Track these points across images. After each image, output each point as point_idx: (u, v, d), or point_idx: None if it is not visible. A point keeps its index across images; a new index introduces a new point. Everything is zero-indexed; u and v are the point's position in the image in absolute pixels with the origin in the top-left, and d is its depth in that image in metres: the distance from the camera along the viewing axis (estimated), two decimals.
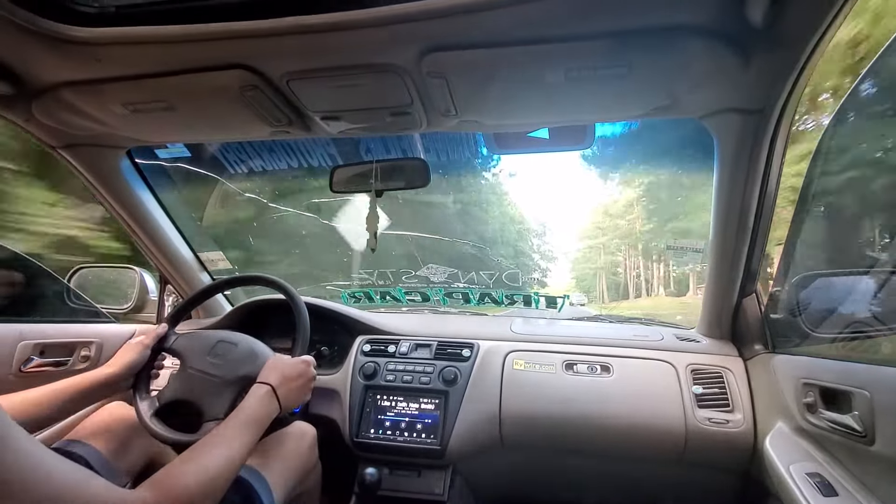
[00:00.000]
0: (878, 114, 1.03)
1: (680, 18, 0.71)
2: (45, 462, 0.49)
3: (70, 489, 0.49)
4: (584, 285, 10.44)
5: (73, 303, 1.53)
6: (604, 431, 1.23)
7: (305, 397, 1.02)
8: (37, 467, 0.48)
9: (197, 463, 0.67)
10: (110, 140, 1.20)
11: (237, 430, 0.78)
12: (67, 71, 0.88)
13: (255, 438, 0.81)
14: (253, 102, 0.94)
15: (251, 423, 0.82)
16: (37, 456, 0.49)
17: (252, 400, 0.87)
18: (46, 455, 0.50)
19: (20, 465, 0.46)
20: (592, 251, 10.43)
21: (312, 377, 1.04)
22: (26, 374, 1.21)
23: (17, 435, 0.48)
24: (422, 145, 1.60)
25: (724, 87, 0.89)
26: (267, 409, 0.88)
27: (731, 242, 1.16)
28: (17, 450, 0.47)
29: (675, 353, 1.32)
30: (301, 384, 0.99)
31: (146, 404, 1.02)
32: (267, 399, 0.89)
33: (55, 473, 0.49)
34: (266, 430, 0.89)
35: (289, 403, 0.93)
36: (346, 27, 0.73)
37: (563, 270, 10.04)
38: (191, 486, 0.62)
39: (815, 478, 0.86)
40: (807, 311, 1.06)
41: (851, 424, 0.78)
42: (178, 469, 0.64)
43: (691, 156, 2.40)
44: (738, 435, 1.15)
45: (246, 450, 0.77)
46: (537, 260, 9.58)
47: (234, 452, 0.73)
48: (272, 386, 0.91)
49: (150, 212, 1.45)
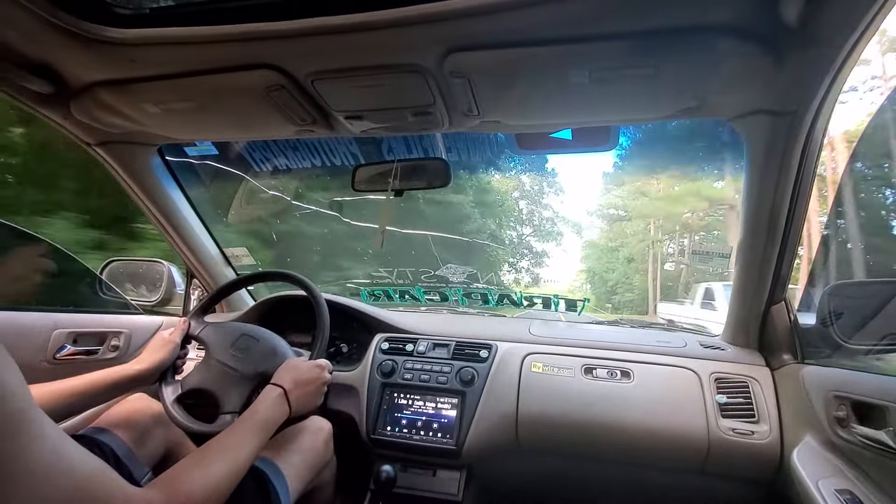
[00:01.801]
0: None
1: (710, 18, 0.70)
2: (69, 454, 0.50)
3: (88, 482, 0.50)
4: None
5: (105, 294, 1.59)
6: (622, 438, 1.21)
7: (317, 402, 1.03)
8: (61, 459, 0.49)
9: (204, 466, 0.68)
10: (142, 138, 1.24)
11: (246, 434, 0.80)
12: (103, 71, 0.91)
13: (263, 442, 0.82)
14: (279, 102, 0.96)
15: (261, 426, 0.83)
16: (61, 448, 0.49)
17: (264, 403, 0.89)
18: (70, 446, 0.51)
19: (46, 457, 0.47)
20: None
21: (326, 382, 1.06)
22: (59, 362, 1.26)
23: (47, 427, 0.49)
24: (443, 145, 1.61)
25: (756, 88, 0.86)
26: (277, 413, 0.89)
27: (759, 248, 1.12)
28: (44, 438, 0.48)
29: (699, 361, 1.28)
30: (313, 389, 1.01)
31: (170, 389, 1.07)
32: (279, 402, 0.90)
33: (76, 465, 0.50)
34: (284, 423, 0.91)
35: (299, 408, 0.95)
36: (370, 28, 0.73)
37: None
38: (195, 490, 0.64)
39: (844, 494, 0.82)
40: (839, 320, 1.02)
41: (886, 441, 0.74)
42: (184, 472, 0.66)
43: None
44: (764, 447, 1.11)
45: (253, 454, 0.78)
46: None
47: (240, 456, 0.75)
48: (285, 389, 0.92)
49: (178, 208, 1.49)
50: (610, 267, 12.94)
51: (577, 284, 11.03)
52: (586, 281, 11.21)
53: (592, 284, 11.25)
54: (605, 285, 12.72)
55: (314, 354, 1.12)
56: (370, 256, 4.15)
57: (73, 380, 0.93)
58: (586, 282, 11.41)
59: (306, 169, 2.01)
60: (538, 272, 13.49)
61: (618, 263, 12.59)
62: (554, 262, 9.92)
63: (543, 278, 11.01)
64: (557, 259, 9.61)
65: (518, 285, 13.01)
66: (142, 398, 1.17)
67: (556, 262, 9.59)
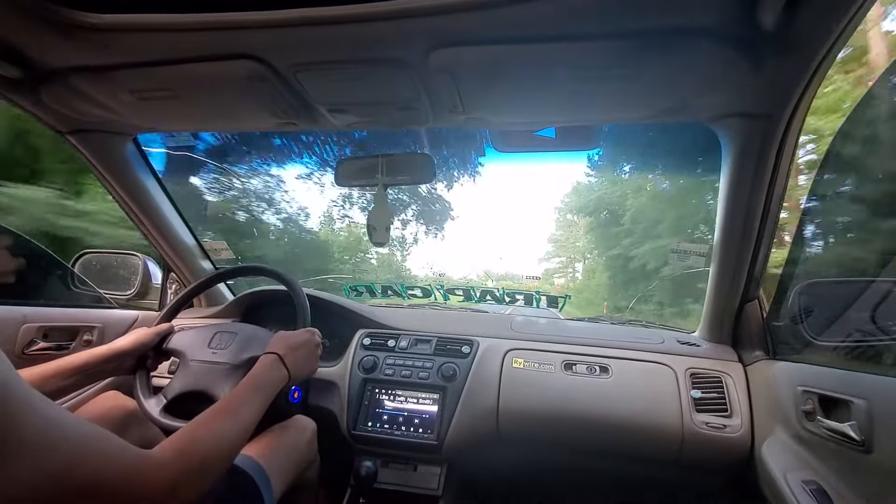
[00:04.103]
0: (887, 123, 1.03)
1: (690, 21, 0.71)
2: (62, 422, 0.49)
3: (87, 448, 0.50)
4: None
5: (77, 287, 1.54)
6: (600, 431, 1.23)
7: (313, 365, 1.03)
8: (52, 428, 0.48)
9: (210, 428, 0.68)
10: (117, 126, 1.21)
11: (247, 395, 0.80)
12: (76, 56, 0.88)
13: (264, 404, 0.82)
14: (260, 93, 0.94)
15: (260, 388, 0.83)
16: (53, 416, 0.48)
17: (260, 368, 0.88)
18: (63, 414, 0.50)
19: (38, 426, 0.46)
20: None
21: (318, 345, 1.06)
22: (29, 357, 1.22)
23: (33, 397, 0.48)
24: (428, 140, 1.60)
25: (734, 91, 0.88)
26: (275, 375, 0.89)
27: (735, 247, 1.15)
28: (33, 408, 0.47)
29: (675, 357, 1.31)
30: (307, 351, 1.01)
31: (153, 402, 1.03)
32: (276, 365, 0.90)
33: (71, 432, 0.49)
34: (269, 421, 0.89)
35: (297, 370, 0.94)
36: (355, 20, 0.73)
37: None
38: (205, 450, 0.63)
39: (810, 485, 0.85)
40: (808, 318, 1.06)
41: (849, 433, 0.77)
42: (193, 433, 0.65)
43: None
44: (735, 440, 1.14)
45: (256, 415, 0.78)
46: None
47: (244, 417, 0.75)
48: (279, 354, 0.92)
49: (154, 199, 1.45)
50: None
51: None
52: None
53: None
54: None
55: (298, 326, 1.11)
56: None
57: (45, 365, 0.90)
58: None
59: (287, 162, 1.96)
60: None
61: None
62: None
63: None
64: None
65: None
66: (116, 395, 1.14)
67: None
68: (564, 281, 14.94)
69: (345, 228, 10.30)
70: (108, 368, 1.00)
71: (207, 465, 0.63)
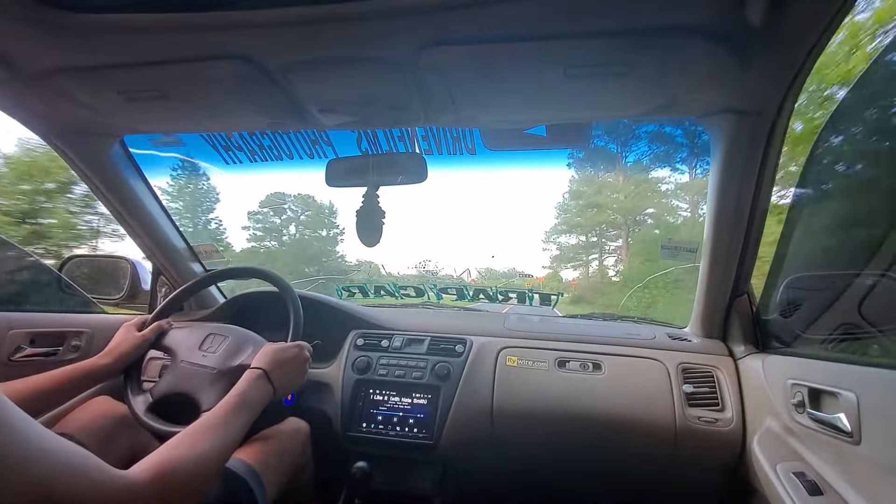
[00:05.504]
0: (873, 117, 1.04)
1: (679, 19, 0.71)
2: (40, 440, 0.48)
3: (65, 467, 0.49)
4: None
5: (64, 292, 1.51)
6: (594, 428, 1.24)
7: (300, 380, 1.02)
8: (31, 447, 0.46)
9: (189, 448, 0.66)
10: (103, 128, 1.19)
11: (230, 414, 0.78)
12: (61, 57, 0.86)
13: (247, 423, 0.80)
14: (249, 93, 0.93)
15: (244, 406, 0.81)
16: (32, 435, 0.47)
17: (244, 384, 0.87)
18: (42, 432, 0.49)
19: (16, 444, 0.45)
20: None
21: (306, 360, 1.04)
22: (16, 363, 1.20)
23: (12, 413, 0.47)
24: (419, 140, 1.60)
25: (723, 88, 0.89)
26: (260, 393, 0.87)
27: (724, 242, 1.17)
28: (13, 428, 0.46)
29: (667, 352, 1.32)
30: (295, 367, 0.99)
31: (140, 400, 1.02)
32: (260, 383, 0.89)
33: (50, 451, 0.48)
34: (261, 424, 0.88)
35: (283, 387, 0.93)
36: (345, 19, 0.72)
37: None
38: (184, 473, 0.62)
39: (801, 477, 0.87)
40: (797, 312, 1.07)
41: (838, 425, 0.79)
42: (170, 453, 0.64)
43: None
44: (727, 434, 1.16)
45: (238, 434, 0.77)
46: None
47: (226, 436, 0.73)
48: (265, 370, 0.91)
49: (142, 201, 1.43)
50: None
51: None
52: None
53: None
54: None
55: (289, 340, 1.10)
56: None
57: (35, 378, 0.88)
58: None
59: (281, 160, 1.93)
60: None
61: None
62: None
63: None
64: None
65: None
66: (106, 400, 1.13)
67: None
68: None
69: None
70: (97, 382, 0.99)
71: (186, 487, 0.62)
